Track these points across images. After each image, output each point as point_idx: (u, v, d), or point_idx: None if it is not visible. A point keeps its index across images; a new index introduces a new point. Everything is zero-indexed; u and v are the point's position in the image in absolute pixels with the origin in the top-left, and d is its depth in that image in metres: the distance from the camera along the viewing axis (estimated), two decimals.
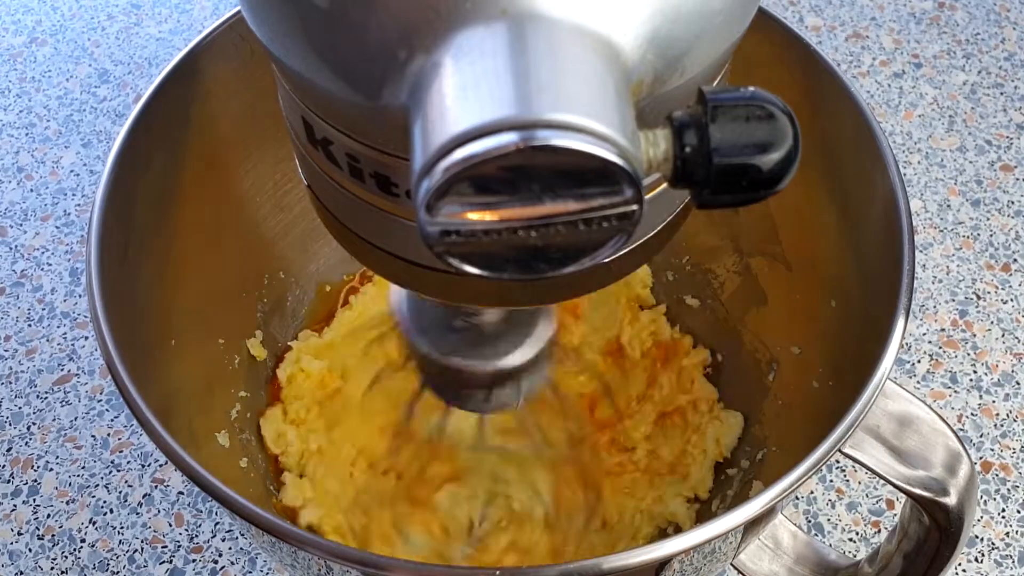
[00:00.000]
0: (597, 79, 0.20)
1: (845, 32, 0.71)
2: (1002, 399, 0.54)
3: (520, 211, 0.20)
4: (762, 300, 0.49)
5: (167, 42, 0.71)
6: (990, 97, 0.67)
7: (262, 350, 0.50)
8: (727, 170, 0.21)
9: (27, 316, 0.57)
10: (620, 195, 0.20)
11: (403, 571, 0.30)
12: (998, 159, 0.64)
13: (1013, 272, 0.59)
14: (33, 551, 0.50)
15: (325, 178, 0.27)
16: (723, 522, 0.30)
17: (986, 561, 0.49)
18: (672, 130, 0.21)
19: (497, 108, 0.19)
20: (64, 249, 0.60)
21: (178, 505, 0.51)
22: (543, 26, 0.20)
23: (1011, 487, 0.51)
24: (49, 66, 0.70)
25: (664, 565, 0.31)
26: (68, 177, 0.64)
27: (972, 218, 0.61)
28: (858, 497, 0.51)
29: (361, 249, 0.28)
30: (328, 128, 0.25)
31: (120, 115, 0.67)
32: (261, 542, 0.39)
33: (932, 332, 0.56)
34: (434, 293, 0.29)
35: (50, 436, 0.53)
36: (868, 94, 0.67)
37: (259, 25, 0.24)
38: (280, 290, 0.52)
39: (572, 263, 0.21)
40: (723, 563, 0.38)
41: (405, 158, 0.21)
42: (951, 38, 0.70)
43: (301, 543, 0.30)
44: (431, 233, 0.20)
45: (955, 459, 0.34)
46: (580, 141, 0.19)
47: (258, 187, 0.47)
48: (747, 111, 0.21)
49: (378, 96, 0.22)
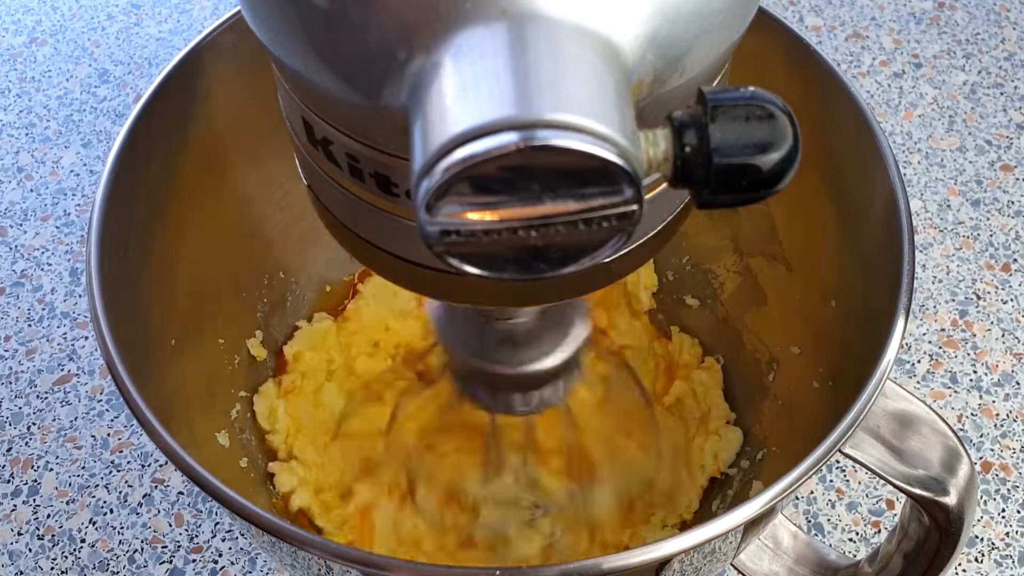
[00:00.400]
0: (597, 79, 0.20)
1: (845, 32, 0.71)
2: (1002, 399, 0.54)
3: (520, 211, 0.20)
4: (762, 300, 0.49)
5: (167, 42, 0.71)
6: (990, 97, 0.67)
7: (262, 350, 0.50)
8: (727, 170, 0.21)
9: (27, 316, 0.57)
10: (620, 195, 0.20)
11: (403, 571, 0.30)
12: (998, 159, 0.64)
13: (1013, 272, 0.59)
14: (33, 551, 0.50)
15: (325, 178, 0.27)
16: (723, 522, 0.30)
17: (986, 561, 0.49)
18: (672, 130, 0.21)
19: (497, 108, 0.19)
20: (64, 249, 0.60)
21: (178, 505, 0.51)
22: (543, 26, 0.20)
23: (1011, 487, 0.51)
24: (49, 66, 0.70)
25: (664, 565, 0.31)
26: (68, 177, 0.64)
27: (972, 218, 0.61)
28: (858, 497, 0.51)
29: (361, 249, 0.28)
30: (328, 128, 0.25)
31: (120, 115, 0.67)
32: (261, 542, 0.39)
33: (932, 332, 0.56)
34: (434, 293, 0.29)
35: (50, 436, 0.53)
36: (868, 94, 0.67)
37: (259, 25, 0.24)
38: (280, 290, 0.52)
39: (572, 263, 0.21)
40: (723, 563, 0.38)
41: (405, 158, 0.21)
42: (951, 38, 0.70)
43: (301, 543, 0.30)
44: (431, 233, 0.20)
45: (955, 459, 0.34)
46: (580, 141, 0.19)
47: (258, 187, 0.47)
48: (747, 111, 0.21)
49: (378, 96, 0.22)
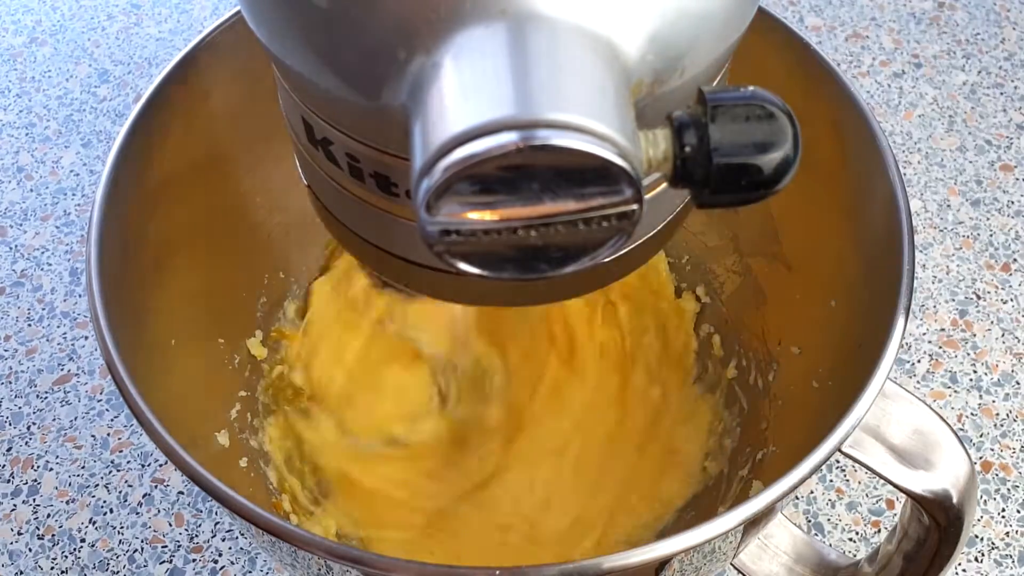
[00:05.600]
0: (597, 79, 0.20)
1: (845, 32, 0.71)
2: (1002, 399, 0.54)
3: (520, 211, 0.20)
4: (762, 300, 0.49)
5: (167, 42, 0.71)
6: (990, 97, 0.67)
7: (262, 350, 0.50)
8: (727, 170, 0.21)
9: (27, 316, 0.57)
10: (620, 195, 0.20)
11: (403, 571, 0.30)
12: (998, 159, 0.64)
13: (1013, 272, 0.59)
14: (33, 551, 0.50)
15: (325, 178, 0.27)
16: (723, 522, 0.30)
17: (986, 561, 0.49)
18: (672, 130, 0.21)
19: (497, 108, 0.19)
20: (64, 249, 0.60)
21: (178, 505, 0.51)
22: (543, 26, 0.20)
23: (1011, 487, 0.51)
24: (49, 66, 0.70)
25: (664, 565, 0.31)
26: (68, 177, 0.64)
27: (972, 218, 0.61)
28: (858, 497, 0.51)
29: (361, 249, 0.29)
30: (328, 128, 0.25)
31: (120, 115, 0.67)
32: (261, 542, 0.39)
33: (932, 332, 0.56)
34: (433, 293, 0.29)
35: (50, 436, 0.53)
36: (868, 94, 0.67)
37: (259, 25, 0.24)
38: (280, 290, 0.51)
39: (572, 263, 0.21)
40: (723, 563, 0.38)
41: (405, 158, 0.21)
42: (951, 38, 0.70)
43: (301, 543, 0.30)
44: (431, 233, 0.20)
45: (955, 459, 0.34)
46: (580, 141, 0.19)
47: (258, 187, 0.47)
48: (747, 111, 0.21)
49: (378, 96, 0.22)
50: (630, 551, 0.29)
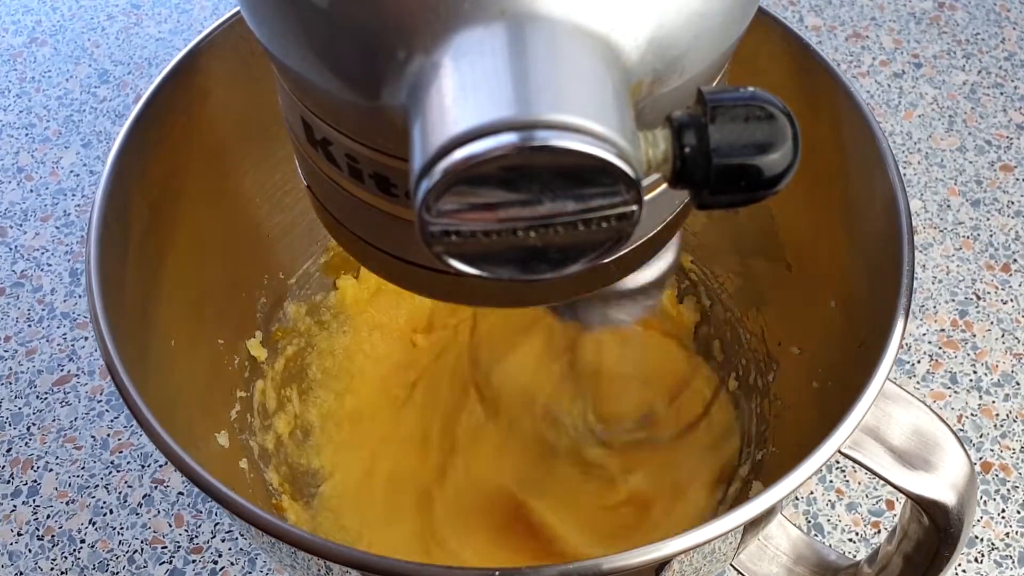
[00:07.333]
0: (597, 79, 0.20)
1: (845, 32, 0.71)
2: (1002, 399, 0.54)
3: (519, 211, 0.20)
4: (762, 300, 0.49)
5: (167, 42, 0.71)
6: (990, 97, 0.67)
7: (262, 350, 0.50)
8: (726, 170, 0.21)
9: (27, 316, 0.57)
10: (619, 195, 0.20)
11: (403, 571, 0.30)
12: (998, 159, 0.64)
13: (1013, 272, 0.59)
14: (33, 551, 0.50)
15: (324, 178, 0.27)
16: (723, 522, 0.30)
17: (986, 561, 0.49)
18: (672, 130, 0.21)
19: (496, 108, 0.19)
20: (64, 249, 0.60)
21: (178, 506, 0.51)
22: (542, 26, 0.20)
23: (1011, 487, 0.51)
24: (49, 66, 0.70)
25: (664, 565, 0.31)
26: (68, 177, 0.64)
27: (972, 218, 0.61)
28: (858, 497, 0.51)
29: (361, 249, 0.28)
30: (327, 128, 0.25)
31: (120, 115, 0.67)
32: (261, 542, 0.39)
33: (932, 332, 0.56)
34: (432, 293, 0.29)
35: (50, 437, 0.53)
36: (868, 94, 0.67)
37: (258, 25, 0.24)
38: (280, 290, 0.51)
39: (571, 263, 0.21)
40: (723, 563, 0.38)
41: (404, 159, 0.21)
42: (951, 38, 0.70)
43: (301, 543, 0.30)
44: (430, 233, 0.20)
45: (955, 459, 0.34)
46: (579, 141, 0.19)
47: (258, 187, 0.47)
48: (746, 111, 0.21)
49: (377, 96, 0.22)
50: (630, 551, 0.29)
